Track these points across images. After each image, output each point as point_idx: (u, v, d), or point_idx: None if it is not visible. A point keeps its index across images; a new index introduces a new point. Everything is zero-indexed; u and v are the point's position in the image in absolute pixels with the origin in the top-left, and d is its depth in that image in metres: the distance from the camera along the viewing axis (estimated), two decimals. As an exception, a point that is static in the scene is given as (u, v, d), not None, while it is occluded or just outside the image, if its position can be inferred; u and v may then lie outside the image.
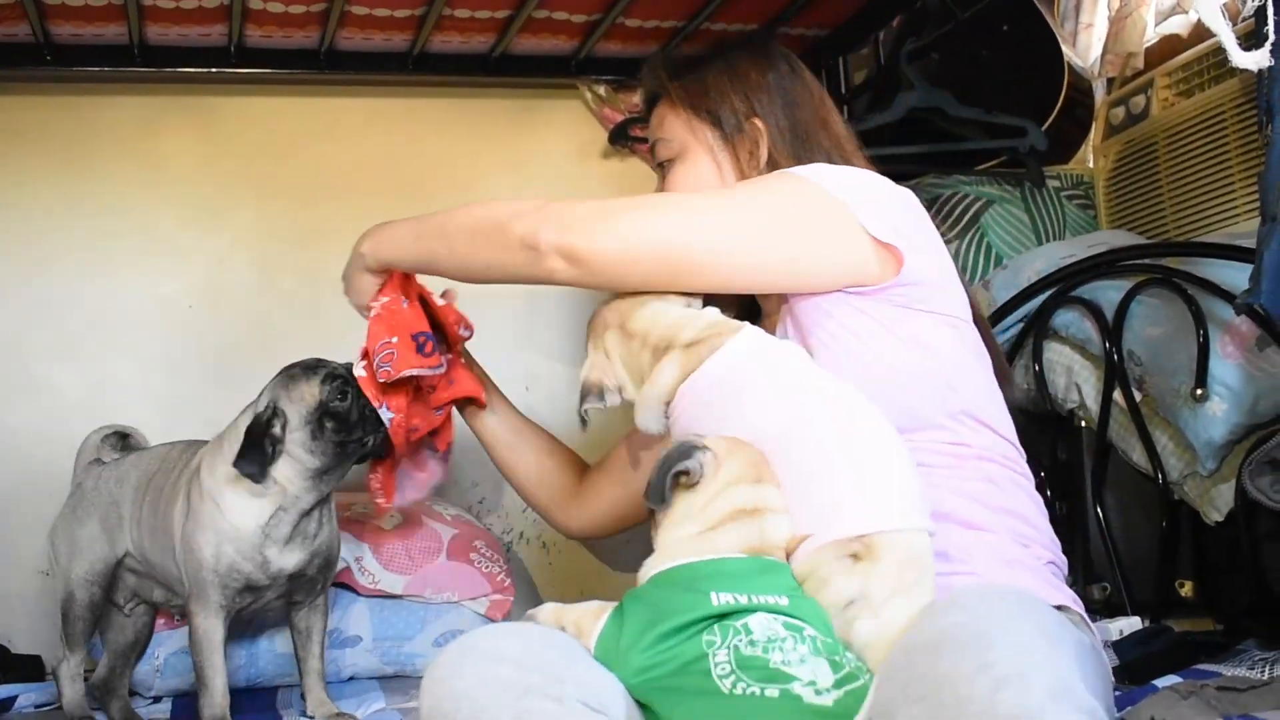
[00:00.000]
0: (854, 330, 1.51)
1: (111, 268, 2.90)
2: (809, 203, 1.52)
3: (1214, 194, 2.70)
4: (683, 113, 1.80)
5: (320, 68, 2.95)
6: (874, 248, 1.51)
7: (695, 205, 1.56)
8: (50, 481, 2.77)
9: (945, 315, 1.55)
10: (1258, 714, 1.51)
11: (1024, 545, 1.48)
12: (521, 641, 1.19)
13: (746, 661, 1.13)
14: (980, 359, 1.60)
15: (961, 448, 1.50)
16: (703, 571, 1.25)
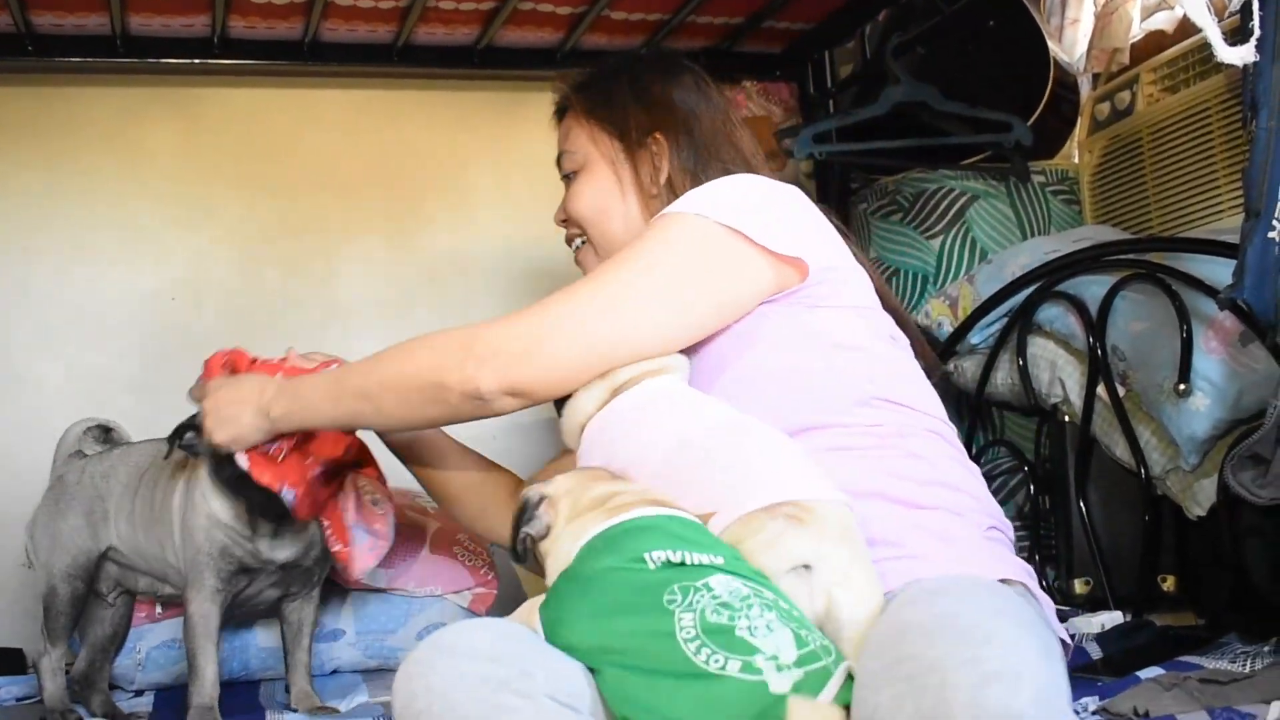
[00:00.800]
0: (766, 338, 1.52)
1: (93, 260, 2.89)
2: (708, 246, 1.51)
3: (1199, 189, 2.70)
4: (586, 125, 1.80)
5: (304, 59, 2.94)
6: (778, 261, 1.52)
7: (614, 295, 1.50)
8: (30, 474, 2.75)
9: (853, 307, 1.57)
10: (1240, 706, 1.52)
11: (959, 515, 1.46)
12: (491, 636, 1.18)
13: (712, 628, 1.12)
14: (893, 342, 1.60)
15: (878, 428, 1.49)
16: (628, 528, 1.24)
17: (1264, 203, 1.77)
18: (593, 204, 1.78)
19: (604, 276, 1.52)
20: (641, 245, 1.53)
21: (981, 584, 1.26)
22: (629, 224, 1.75)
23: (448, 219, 3.11)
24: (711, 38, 3.17)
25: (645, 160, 1.74)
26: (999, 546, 1.50)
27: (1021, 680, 1.02)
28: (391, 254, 3.09)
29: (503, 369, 1.47)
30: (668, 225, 1.54)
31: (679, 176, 1.71)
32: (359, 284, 3.06)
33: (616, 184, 1.76)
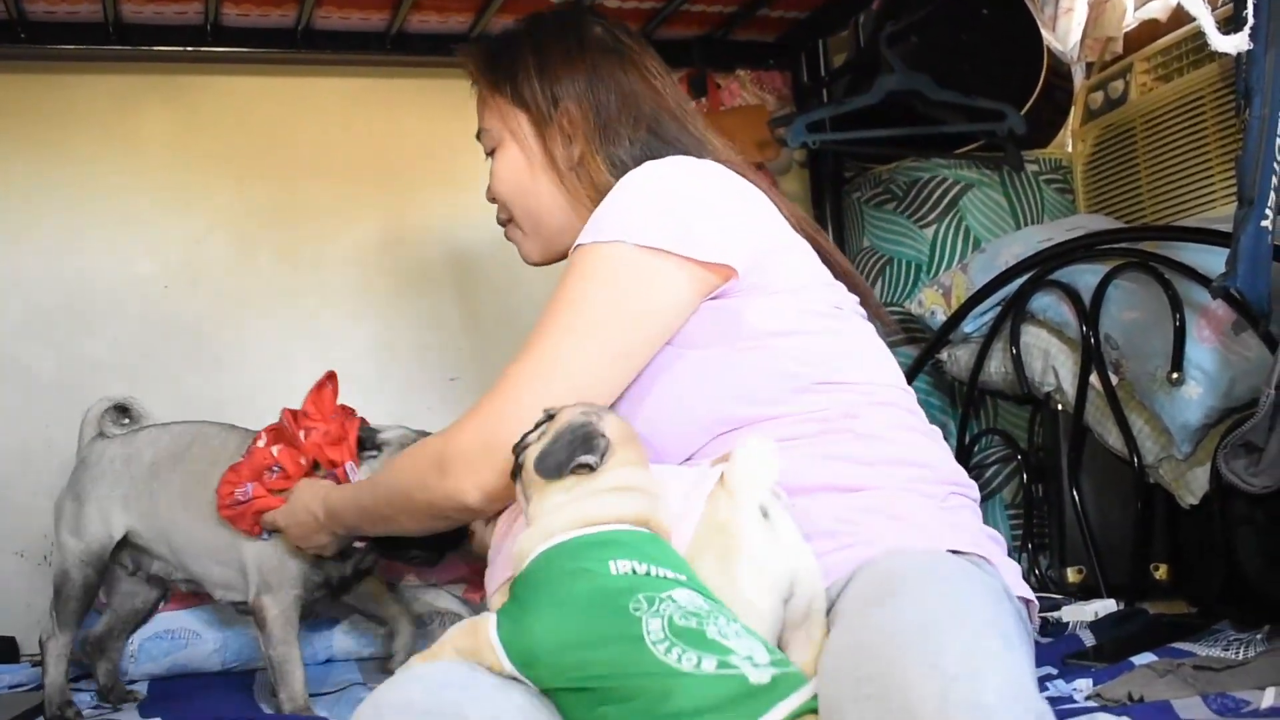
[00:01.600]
0: (695, 340, 1.47)
1: (87, 247, 2.88)
2: (635, 276, 1.45)
3: (1192, 178, 2.70)
4: (494, 100, 1.73)
5: (297, 47, 2.93)
6: (705, 269, 1.45)
7: (555, 363, 1.45)
8: (22, 461, 2.76)
9: (786, 290, 1.50)
10: (1234, 692, 1.52)
11: (911, 489, 1.42)
12: (423, 687, 1.17)
13: (681, 631, 1.10)
14: (837, 314, 1.54)
15: (822, 412, 1.44)
16: (593, 541, 1.21)
17: (1257, 191, 1.78)
18: (512, 183, 1.73)
19: (540, 344, 1.46)
20: (567, 296, 1.47)
21: (932, 568, 1.25)
22: (551, 201, 1.70)
23: (441, 207, 3.11)
24: (705, 26, 3.16)
25: (555, 135, 1.66)
26: (956, 514, 1.44)
27: (983, 677, 1.02)
28: (385, 241, 3.09)
29: (474, 476, 1.45)
30: (586, 262, 1.47)
31: (590, 149, 1.64)
32: (353, 271, 3.05)
33: (531, 162, 1.69)
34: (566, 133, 1.66)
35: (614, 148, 1.63)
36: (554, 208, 1.70)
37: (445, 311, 3.09)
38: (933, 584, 1.20)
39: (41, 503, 2.76)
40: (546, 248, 1.76)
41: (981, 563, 1.36)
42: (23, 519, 2.76)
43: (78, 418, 2.79)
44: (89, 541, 2.09)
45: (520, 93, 1.69)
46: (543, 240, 1.76)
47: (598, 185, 1.61)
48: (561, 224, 1.70)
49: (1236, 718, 1.45)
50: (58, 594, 2.12)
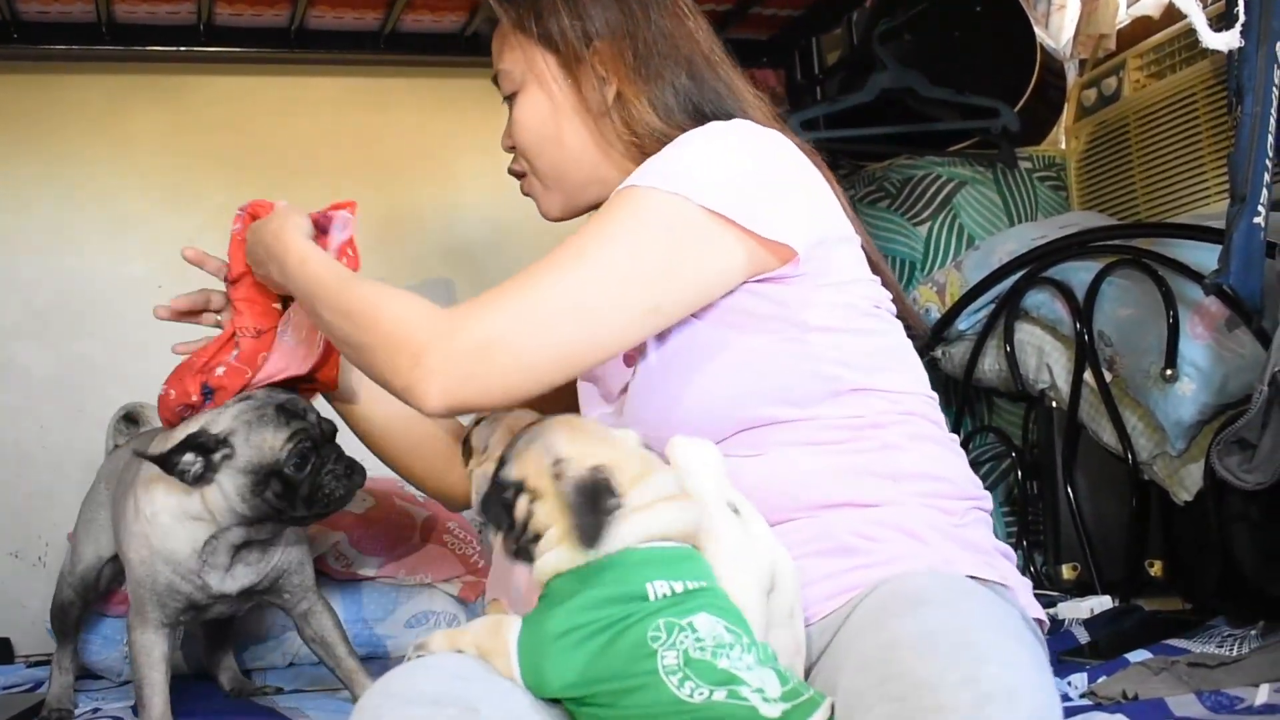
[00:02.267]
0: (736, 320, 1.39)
1: (80, 247, 2.88)
2: (687, 233, 1.34)
3: (1185, 175, 2.71)
4: (516, 38, 1.57)
5: (290, 46, 2.93)
6: (763, 247, 1.36)
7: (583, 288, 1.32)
8: (16, 462, 2.76)
9: (836, 283, 1.42)
10: (1228, 689, 1.52)
11: (934, 506, 1.38)
12: (436, 678, 1.14)
13: (695, 664, 1.09)
14: (876, 314, 1.47)
15: (855, 419, 1.39)
16: (633, 559, 1.17)
17: (1249, 188, 1.78)
18: (536, 130, 1.57)
19: (569, 262, 1.32)
20: (611, 226, 1.35)
21: (963, 588, 1.23)
22: (580, 149, 1.56)
23: (435, 204, 3.11)
24: (699, 24, 3.16)
25: (588, 76, 1.53)
26: (973, 532, 1.41)
27: (1018, 700, 0.99)
28: (379, 239, 3.08)
29: (453, 387, 1.29)
30: (641, 204, 1.35)
31: (630, 89, 1.51)
32: (347, 271, 3.05)
33: (558, 106, 1.55)
34: (599, 72, 1.52)
35: (655, 89, 1.51)
36: (581, 156, 1.56)
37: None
38: (963, 599, 1.18)
39: (37, 503, 2.76)
40: (569, 201, 1.61)
41: (1001, 590, 1.34)
42: (18, 520, 2.76)
43: (73, 418, 2.80)
44: (79, 562, 2.07)
45: (548, 29, 1.54)
46: (565, 193, 1.60)
47: (637, 129, 1.51)
48: (588, 174, 1.57)
49: (1231, 715, 1.46)
50: (53, 604, 2.12)
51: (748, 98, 1.58)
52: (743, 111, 1.55)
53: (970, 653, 1.03)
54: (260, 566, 1.81)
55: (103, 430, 2.28)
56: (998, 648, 1.05)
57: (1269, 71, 1.78)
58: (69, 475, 2.77)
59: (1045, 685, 1.04)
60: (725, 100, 1.54)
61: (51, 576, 2.15)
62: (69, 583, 2.08)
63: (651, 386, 1.42)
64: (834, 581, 1.30)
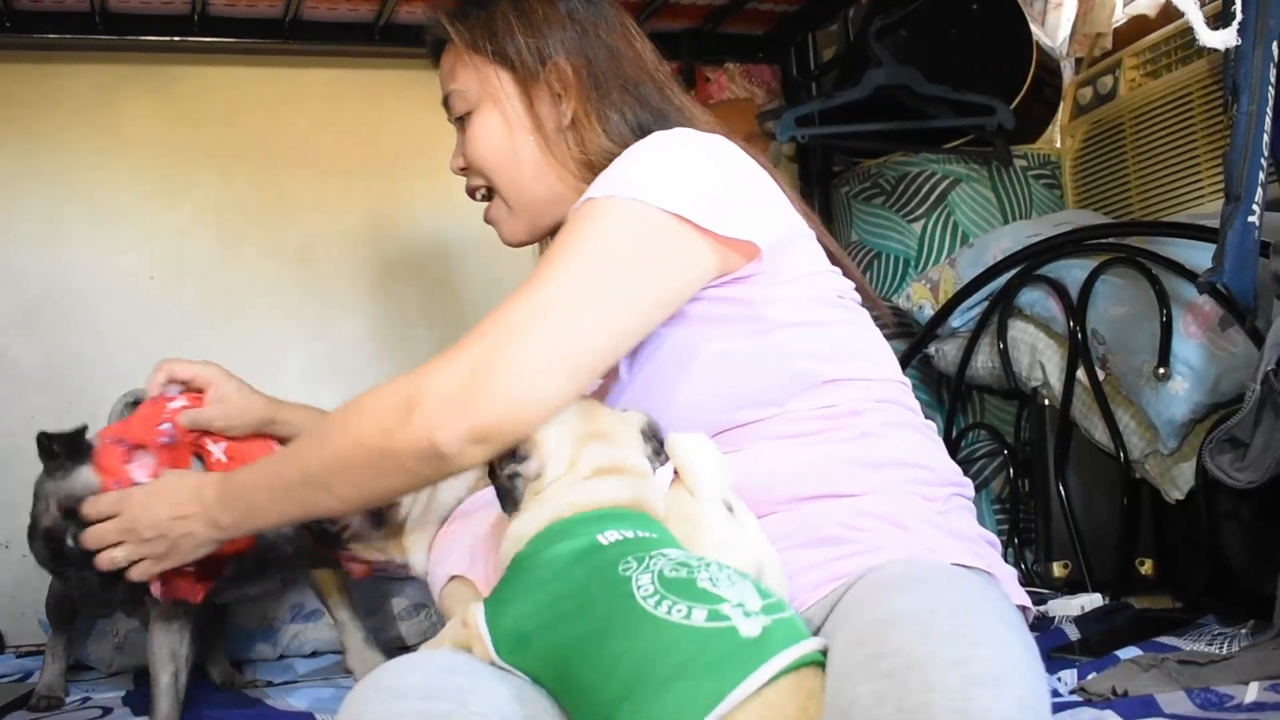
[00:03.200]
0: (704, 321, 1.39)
1: (70, 238, 2.88)
2: (650, 237, 1.33)
3: (1180, 174, 2.71)
4: (470, 58, 1.58)
5: (284, 37, 2.93)
6: (725, 246, 1.36)
7: (563, 299, 1.30)
8: (6, 454, 2.75)
9: (798, 277, 1.42)
10: (1218, 687, 1.52)
11: (914, 494, 1.38)
12: (425, 672, 1.14)
13: (672, 583, 1.08)
14: (840, 304, 1.47)
15: (830, 409, 1.40)
16: (582, 519, 1.18)
17: (1244, 187, 1.78)
18: (493, 149, 1.58)
19: (544, 279, 1.31)
20: (577, 239, 1.34)
21: (946, 573, 1.23)
22: (536, 169, 1.56)
23: (428, 197, 3.10)
24: (695, 19, 3.16)
25: (543, 94, 1.54)
26: (956, 519, 1.41)
27: (1007, 685, 0.99)
28: (371, 232, 3.08)
29: (459, 414, 1.24)
30: (602, 213, 1.35)
31: (583, 108, 1.52)
32: (339, 263, 3.05)
33: (515, 124, 1.56)
34: (555, 91, 1.54)
35: (606, 108, 1.53)
36: (537, 175, 1.57)
37: (432, 302, 3.09)
38: (955, 583, 1.19)
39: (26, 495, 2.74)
40: (532, 223, 1.63)
41: (986, 577, 1.33)
42: (7, 511, 2.74)
43: (63, 410, 2.79)
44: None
45: (504, 48, 1.55)
46: (528, 215, 1.61)
47: (589, 148, 1.52)
48: (546, 194, 1.58)
49: (1220, 712, 1.46)
50: (47, 600, 2.12)
51: (694, 112, 1.59)
52: (686, 116, 1.57)
53: (962, 634, 1.03)
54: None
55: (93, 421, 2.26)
56: (989, 632, 1.05)
57: (1265, 70, 1.78)
58: (59, 466, 2.76)
59: (1034, 671, 1.05)
60: (673, 117, 1.55)
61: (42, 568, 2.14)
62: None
63: (627, 400, 1.42)
64: (819, 571, 1.30)
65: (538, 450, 1.25)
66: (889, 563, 1.26)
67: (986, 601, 1.15)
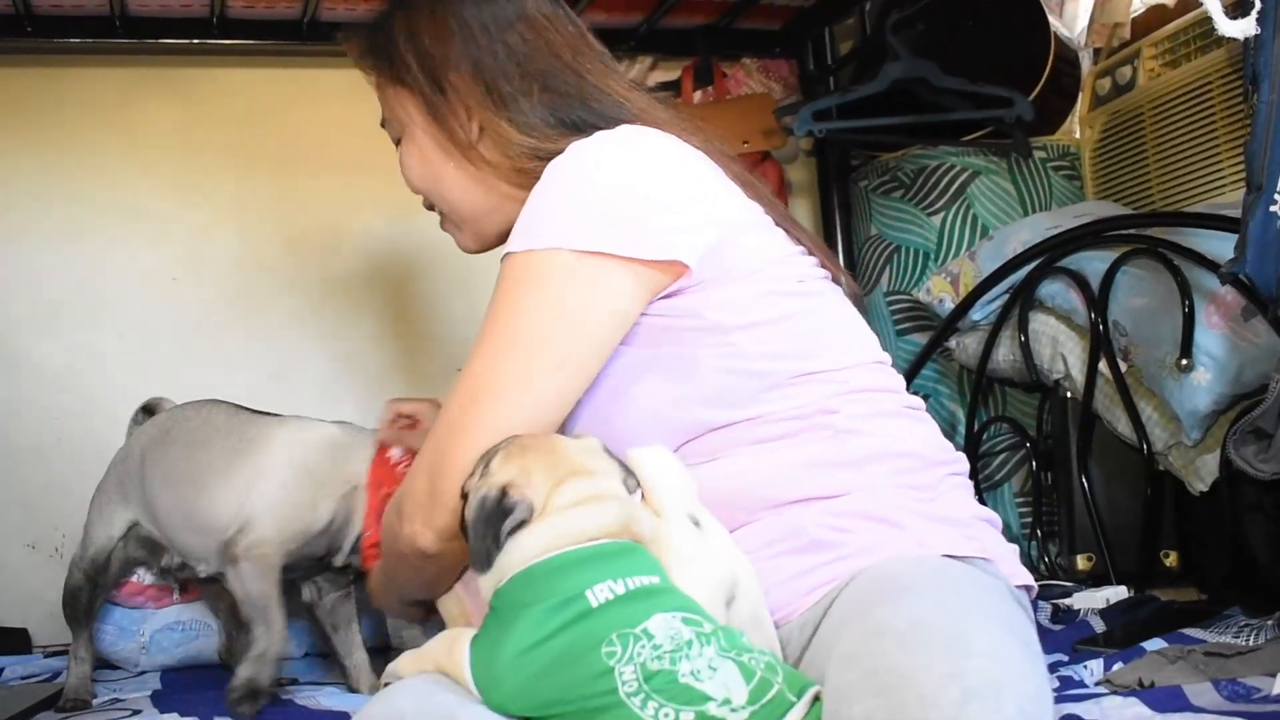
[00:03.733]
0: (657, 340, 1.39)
1: (92, 240, 2.89)
2: (576, 287, 1.35)
3: (1200, 164, 2.70)
4: (388, 87, 1.62)
5: (303, 38, 2.94)
6: (653, 268, 1.36)
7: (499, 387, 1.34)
8: (31, 454, 2.77)
9: (749, 273, 1.40)
10: (1244, 679, 1.52)
11: (902, 485, 1.36)
12: (415, 696, 1.16)
13: (655, 677, 1.07)
14: (800, 295, 1.44)
15: (800, 408, 1.37)
16: (567, 561, 1.16)
17: (1265, 176, 1.77)
18: (422, 172, 1.62)
19: (476, 369, 1.36)
20: (499, 311, 1.37)
21: (947, 572, 1.22)
22: (462, 186, 1.59)
23: (447, 197, 3.11)
24: (711, 14, 3.16)
25: (451, 111, 1.54)
26: (951, 502, 1.39)
27: (1004, 695, 0.98)
28: (392, 231, 3.09)
29: (425, 519, 1.37)
30: (520, 274, 1.36)
31: (489, 116, 1.52)
32: (359, 262, 3.06)
33: (435, 145, 1.58)
34: (462, 105, 1.54)
35: (513, 110, 1.51)
36: (465, 190, 1.59)
37: (452, 302, 3.09)
38: (946, 584, 1.18)
39: (52, 496, 2.77)
40: (478, 234, 1.65)
41: (981, 564, 1.32)
42: (33, 511, 2.77)
43: (86, 411, 2.81)
44: (90, 545, 2.10)
45: (400, 75, 1.58)
46: (470, 228, 1.65)
47: (508, 152, 1.51)
48: (479, 206, 1.60)
49: (1248, 704, 1.45)
50: (64, 599, 2.13)
51: (619, 93, 1.55)
52: (616, 110, 1.52)
53: (957, 644, 1.02)
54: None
55: (114, 422, 2.28)
56: (985, 638, 1.04)
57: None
58: (82, 467, 2.76)
59: (1032, 674, 1.04)
60: (592, 103, 1.52)
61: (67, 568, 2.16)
62: (79, 567, 2.11)
63: (585, 415, 1.42)
64: (808, 578, 1.29)
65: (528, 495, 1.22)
66: (879, 563, 1.25)
67: (981, 600, 1.14)
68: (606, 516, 1.20)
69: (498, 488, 1.20)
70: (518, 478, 1.21)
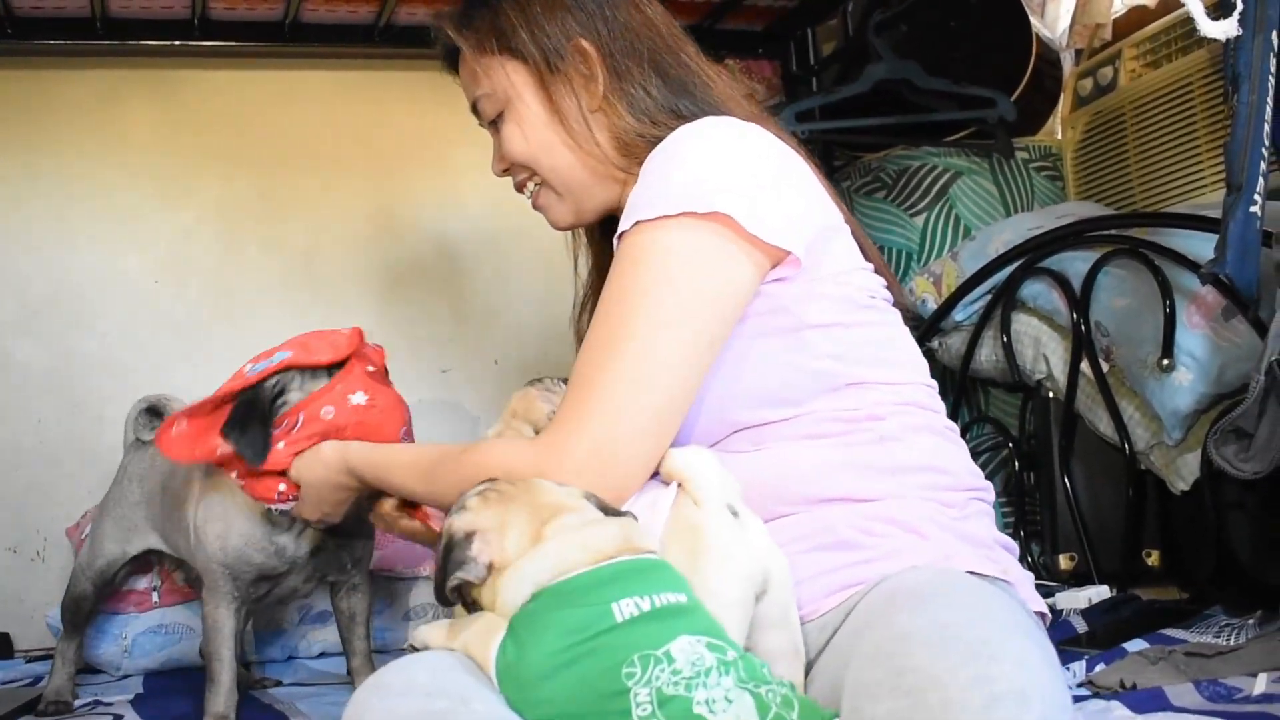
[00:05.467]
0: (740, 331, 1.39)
1: (74, 242, 2.88)
2: (711, 263, 1.36)
3: (1181, 165, 2.70)
4: (484, 62, 1.59)
5: (285, 40, 2.93)
6: (766, 252, 1.37)
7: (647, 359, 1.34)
8: (12, 457, 2.76)
9: (831, 276, 1.42)
10: (1226, 679, 1.52)
11: (933, 500, 1.38)
12: (430, 671, 1.15)
13: (669, 703, 1.06)
14: (871, 304, 1.46)
15: (851, 412, 1.39)
16: (596, 579, 1.16)
17: (1245, 177, 1.78)
18: (529, 145, 1.58)
19: (630, 342, 1.34)
20: (642, 284, 1.36)
21: (970, 585, 1.22)
22: (571, 156, 1.57)
23: (431, 198, 3.11)
24: (694, 15, 3.16)
25: (562, 83, 1.55)
26: (974, 525, 1.41)
27: (1029, 701, 0.98)
28: (374, 233, 3.08)
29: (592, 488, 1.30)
30: (656, 245, 1.36)
31: (603, 90, 1.53)
32: (343, 264, 3.05)
33: (545, 115, 1.56)
34: (574, 78, 1.54)
35: (626, 85, 1.53)
36: (574, 162, 1.57)
37: (436, 303, 3.09)
38: (971, 595, 1.17)
39: (34, 498, 2.77)
40: (578, 206, 1.62)
41: (1002, 585, 1.33)
42: (15, 515, 2.76)
43: (69, 413, 2.80)
44: (99, 557, 2.10)
45: (512, 44, 1.56)
46: (574, 199, 1.61)
47: (618, 129, 1.52)
48: (586, 178, 1.58)
49: (1229, 704, 1.46)
50: (64, 602, 2.13)
51: (712, 77, 1.58)
52: (710, 93, 1.55)
53: (983, 650, 1.01)
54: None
55: (97, 424, 2.28)
56: (1011, 646, 1.03)
57: (1265, 60, 1.78)
58: (66, 470, 2.77)
59: (1057, 686, 1.03)
60: (698, 92, 1.55)
61: (49, 571, 2.16)
62: (86, 576, 2.11)
63: None
64: (833, 577, 1.30)
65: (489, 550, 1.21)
66: (903, 571, 1.26)
67: (1005, 613, 1.14)
68: (609, 535, 1.20)
69: (463, 532, 1.21)
70: (490, 528, 1.21)
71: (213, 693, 1.84)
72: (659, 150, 1.43)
